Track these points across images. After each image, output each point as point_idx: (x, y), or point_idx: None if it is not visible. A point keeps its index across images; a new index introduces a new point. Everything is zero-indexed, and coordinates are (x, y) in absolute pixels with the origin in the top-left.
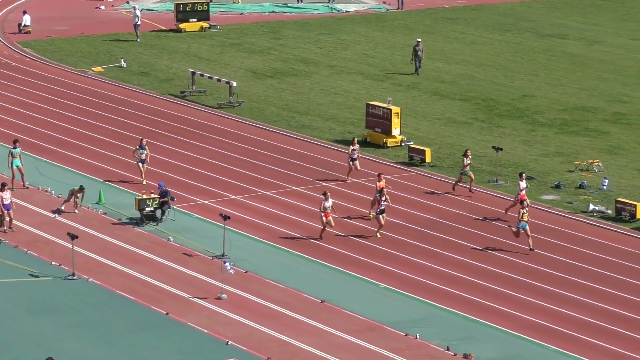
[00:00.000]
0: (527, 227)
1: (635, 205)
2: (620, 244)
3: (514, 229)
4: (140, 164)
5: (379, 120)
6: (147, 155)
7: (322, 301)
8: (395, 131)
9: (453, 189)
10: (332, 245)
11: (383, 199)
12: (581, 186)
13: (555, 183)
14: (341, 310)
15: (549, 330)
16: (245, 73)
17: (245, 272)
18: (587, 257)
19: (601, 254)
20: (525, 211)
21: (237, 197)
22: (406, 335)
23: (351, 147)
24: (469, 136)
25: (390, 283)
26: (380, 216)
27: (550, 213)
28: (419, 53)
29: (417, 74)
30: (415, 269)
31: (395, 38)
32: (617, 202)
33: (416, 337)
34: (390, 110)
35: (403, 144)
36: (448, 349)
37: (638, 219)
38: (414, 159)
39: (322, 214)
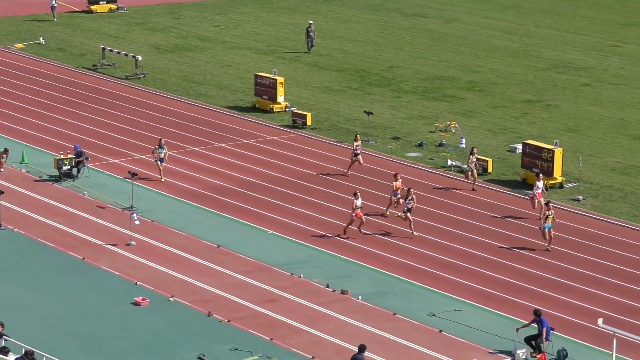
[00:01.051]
0: (551, 227)
1: (487, 161)
2: (476, 195)
3: (542, 228)
4: (158, 163)
5: (266, 89)
6: (165, 154)
7: (218, 246)
8: (280, 98)
9: (472, 189)
10: (225, 197)
11: (409, 198)
12: (440, 145)
13: (418, 142)
14: (235, 254)
15: (415, 269)
16: (149, 48)
17: (152, 221)
18: (445, 206)
19: (457, 202)
20: (550, 213)
21: (143, 157)
22: (291, 274)
23: (355, 144)
24: (344, 102)
25: (277, 230)
26: (409, 214)
27: (414, 168)
28: (310, 34)
29: (309, 52)
30: (298, 217)
31: (279, 18)
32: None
33: (300, 276)
34: (276, 80)
35: (287, 109)
36: (327, 286)
37: (490, 172)
38: (297, 122)
39: (353, 213)
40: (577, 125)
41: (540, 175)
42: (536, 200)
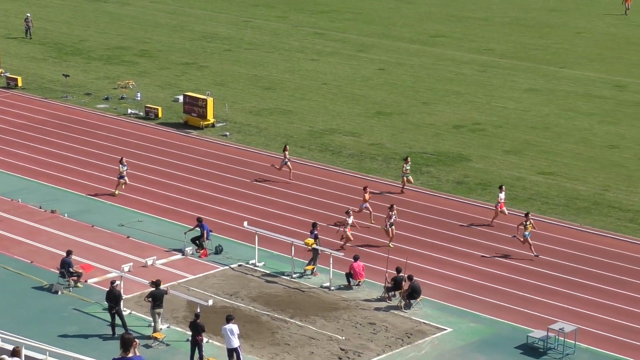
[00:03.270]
0: (529, 236)
1: (158, 109)
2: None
3: (521, 239)
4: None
5: None
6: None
7: None
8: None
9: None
10: None
11: (393, 213)
12: (122, 98)
13: (105, 97)
14: None
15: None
16: None
17: None
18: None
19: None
20: (529, 223)
21: None
22: (12, 200)
23: (285, 153)
24: (46, 68)
25: (3, 168)
26: (391, 229)
27: (106, 117)
28: (29, 24)
29: (30, 38)
30: (19, 157)
31: (6, 6)
32: (146, 107)
33: (19, 201)
34: None
35: (2, 75)
36: (40, 207)
37: (160, 117)
38: (10, 84)
39: (346, 229)
40: (223, 80)
41: (503, 187)
42: (498, 210)
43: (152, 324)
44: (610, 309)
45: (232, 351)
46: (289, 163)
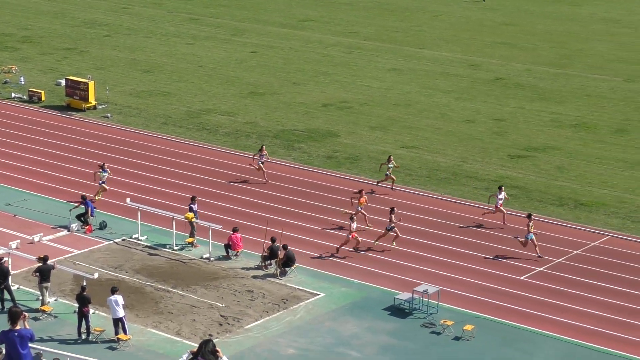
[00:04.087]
0: (534, 237)
1: (41, 92)
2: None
3: (522, 240)
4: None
5: None
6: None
7: None
8: None
9: (377, 184)
10: None
11: (393, 216)
12: (6, 83)
13: None
14: None
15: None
16: None
17: None
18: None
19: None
20: (531, 224)
21: None
22: None
23: (260, 153)
24: None
25: None
26: (395, 229)
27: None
28: None
29: None
30: None
31: None
32: (29, 91)
33: None
34: None
35: None
36: None
37: (43, 100)
38: None
39: (349, 234)
40: (103, 65)
41: (503, 187)
42: (499, 208)
43: (40, 297)
44: (470, 271)
45: (117, 321)
46: (262, 164)
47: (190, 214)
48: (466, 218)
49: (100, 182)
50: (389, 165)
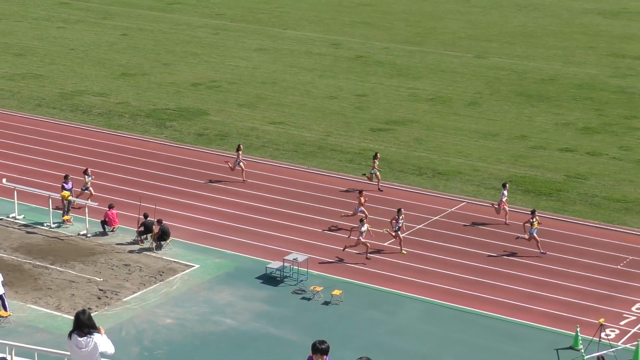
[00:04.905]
0: (535, 233)
1: None
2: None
3: (527, 236)
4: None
5: None
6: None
7: None
8: None
9: (365, 176)
10: None
11: (400, 217)
12: None
13: None
14: None
15: None
16: None
17: None
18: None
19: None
20: (535, 220)
21: None
22: None
23: (238, 153)
24: None
25: None
26: (399, 232)
27: None
28: None
29: None
30: None
31: None
32: None
33: None
34: None
35: None
36: None
37: None
38: None
39: (360, 237)
40: None
41: (507, 185)
42: (501, 208)
43: None
44: (335, 239)
45: None
46: (241, 164)
47: (66, 192)
48: (332, 189)
49: (84, 188)
50: (377, 163)
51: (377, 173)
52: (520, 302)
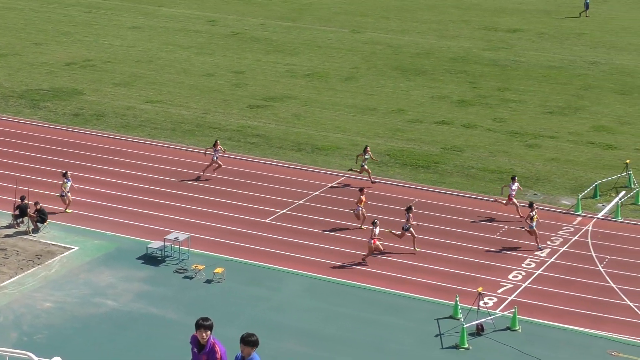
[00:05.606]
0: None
1: None
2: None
3: (528, 229)
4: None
5: None
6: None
7: None
8: None
9: (372, 182)
10: None
11: (411, 215)
12: None
13: None
14: None
15: None
16: None
17: None
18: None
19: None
20: (534, 214)
21: None
22: None
23: (215, 149)
24: None
25: None
26: (411, 230)
27: None
28: None
29: None
30: None
31: None
32: None
33: None
34: None
35: None
36: None
37: None
38: None
39: (371, 240)
40: None
41: (516, 177)
42: (510, 202)
43: None
44: (218, 217)
45: None
46: (218, 159)
47: None
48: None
49: (63, 193)
50: (365, 157)
51: (366, 166)
52: (400, 274)
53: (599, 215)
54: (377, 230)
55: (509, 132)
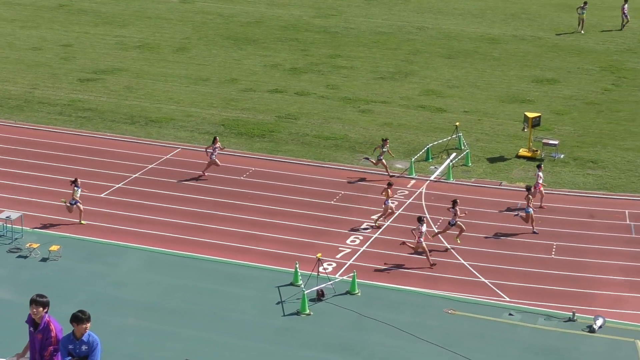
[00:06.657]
0: (532, 211)
1: None
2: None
3: (523, 215)
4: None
5: None
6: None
7: None
8: None
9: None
10: None
11: (457, 209)
12: None
13: None
14: None
15: None
16: None
17: None
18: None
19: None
20: (531, 197)
21: None
22: None
23: (214, 146)
24: None
25: None
26: (458, 225)
27: None
28: None
29: None
30: None
31: None
32: None
33: None
34: None
35: None
36: None
37: None
38: None
39: (421, 238)
40: None
41: (541, 166)
42: (537, 190)
43: None
44: (51, 193)
45: None
46: (214, 157)
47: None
48: (43, 143)
49: (74, 202)
50: (383, 150)
51: (383, 159)
52: (239, 244)
53: (432, 178)
54: (423, 228)
55: (342, 99)
